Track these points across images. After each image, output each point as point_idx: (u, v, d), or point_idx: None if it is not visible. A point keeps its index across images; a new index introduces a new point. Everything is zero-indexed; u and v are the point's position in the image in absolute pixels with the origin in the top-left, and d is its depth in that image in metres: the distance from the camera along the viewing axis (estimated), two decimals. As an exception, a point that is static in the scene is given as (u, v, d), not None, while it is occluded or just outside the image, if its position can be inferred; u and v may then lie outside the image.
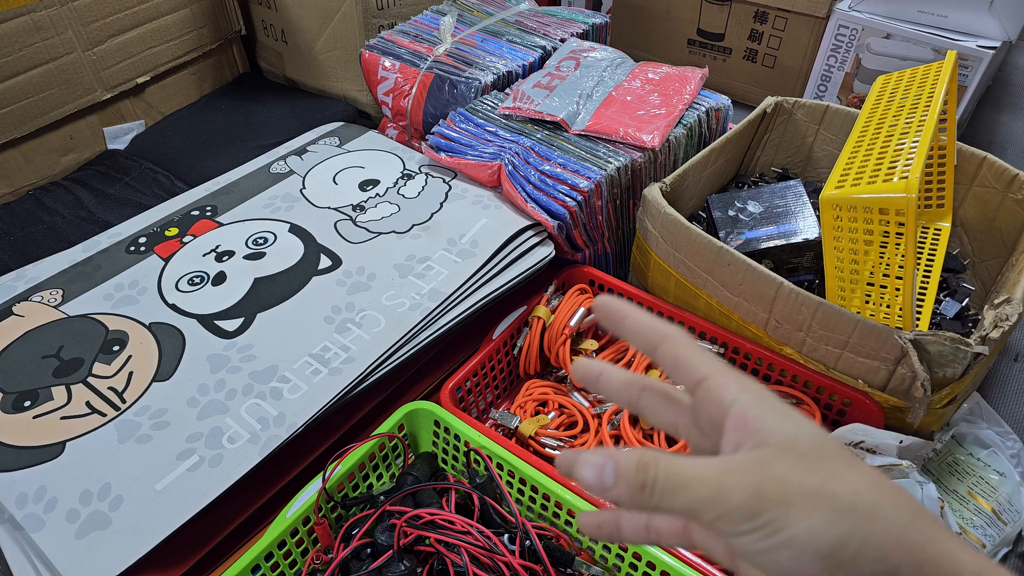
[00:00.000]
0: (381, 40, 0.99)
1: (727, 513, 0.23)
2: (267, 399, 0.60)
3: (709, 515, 0.23)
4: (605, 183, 0.75)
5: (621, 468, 0.25)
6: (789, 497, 0.23)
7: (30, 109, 0.97)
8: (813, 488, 0.23)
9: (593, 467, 0.25)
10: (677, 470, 0.24)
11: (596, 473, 0.25)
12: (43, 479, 0.55)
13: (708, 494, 0.23)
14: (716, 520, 0.23)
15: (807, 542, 0.22)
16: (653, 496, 0.24)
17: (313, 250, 0.76)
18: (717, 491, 0.23)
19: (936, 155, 0.79)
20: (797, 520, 0.22)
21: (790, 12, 1.16)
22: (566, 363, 0.73)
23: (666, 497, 0.24)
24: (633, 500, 0.24)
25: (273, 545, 0.53)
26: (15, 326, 0.68)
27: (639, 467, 0.24)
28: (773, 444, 0.24)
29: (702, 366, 0.27)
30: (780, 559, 0.23)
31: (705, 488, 0.24)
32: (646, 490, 0.24)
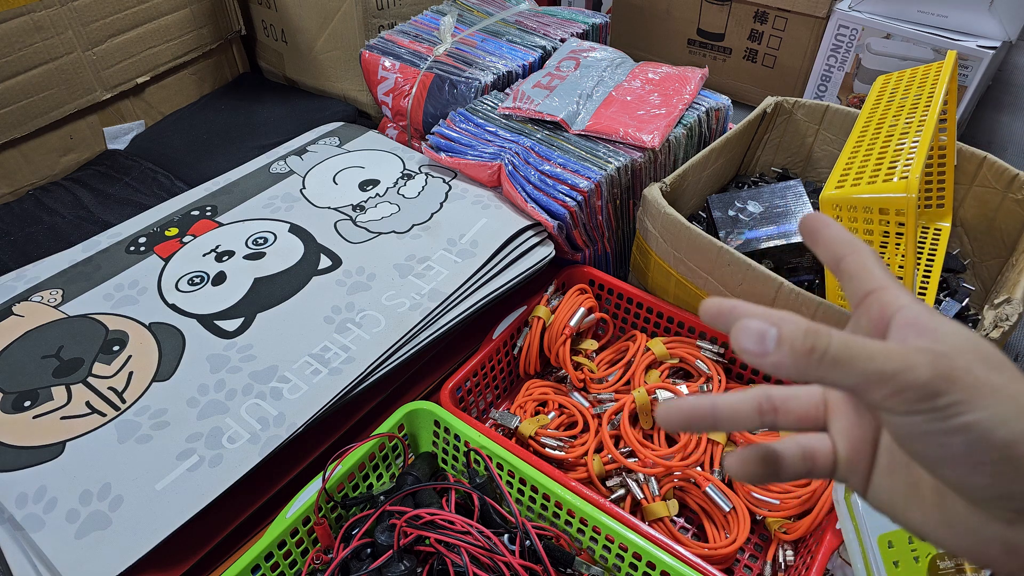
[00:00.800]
0: (381, 40, 0.99)
1: (909, 388, 0.22)
2: (267, 399, 0.60)
3: (887, 389, 0.22)
4: (605, 183, 0.75)
5: (785, 334, 0.23)
6: (975, 384, 0.22)
7: (30, 109, 0.97)
8: (999, 384, 0.22)
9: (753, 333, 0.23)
10: (853, 340, 0.23)
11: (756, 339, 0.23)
12: (43, 479, 0.55)
13: (892, 367, 0.22)
14: (894, 394, 0.22)
15: (987, 429, 0.22)
16: (823, 363, 0.23)
17: (313, 250, 0.76)
18: (902, 365, 0.22)
19: (936, 155, 0.79)
20: (982, 408, 0.22)
21: (790, 12, 1.16)
22: (566, 363, 0.73)
23: (839, 365, 0.23)
24: (798, 367, 0.23)
25: (273, 545, 0.53)
26: (15, 326, 0.68)
27: (808, 332, 0.23)
28: (950, 344, 0.24)
29: (882, 279, 0.26)
30: (952, 443, 0.22)
31: (889, 361, 0.22)
32: (815, 355, 0.23)
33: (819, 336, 0.23)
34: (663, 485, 0.64)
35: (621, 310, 0.79)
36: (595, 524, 0.55)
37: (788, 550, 0.62)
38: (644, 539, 0.53)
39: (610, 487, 0.65)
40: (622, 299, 0.78)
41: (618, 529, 0.54)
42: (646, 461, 0.64)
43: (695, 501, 0.66)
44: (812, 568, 0.54)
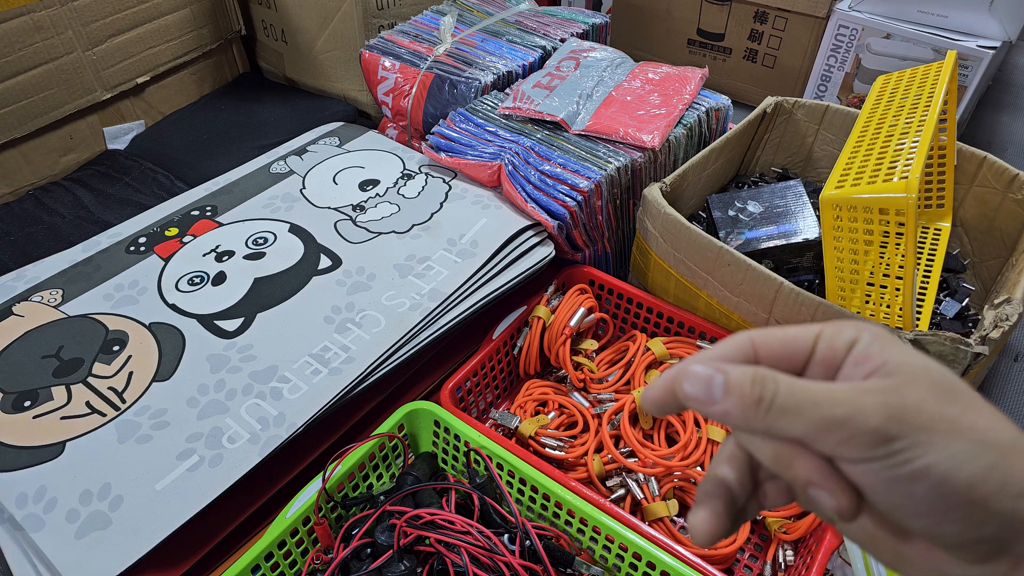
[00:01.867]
0: (381, 40, 0.99)
1: (859, 435, 0.21)
2: (267, 399, 0.60)
3: (837, 437, 0.21)
4: (605, 183, 0.75)
5: (733, 381, 0.22)
6: (929, 424, 0.21)
7: (30, 109, 0.97)
8: (952, 418, 0.21)
9: (698, 380, 0.23)
10: (801, 387, 0.22)
11: (702, 386, 0.23)
12: (43, 479, 0.55)
13: (841, 413, 0.21)
14: (845, 442, 0.21)
15: (946, 472, 0.20)
16: (770, 414, 0.22)
17: (313, 250, 0.76)
18: (851, 411, 0.21)
19: (936, 155, 0.79)
20: (937, 449, 0.21)
21: (790, 12, 1.16)
22: (566, 363, 0.73)
23: (786, 415, 0.22)
24: (745, 416, 0.22)
25: (273, 545, 0.53)
26: (15, 326, 0.68)
27: (755, 380, 0.22)
28: (903, 373, 0.22)
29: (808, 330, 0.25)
30: (916, 490, 0.21)
31: (837, 407, 0.21)
32: (762, 405, 0.22)
33: (766, 384, 0.22)
34: (663, 485, 0.64)
35: (621, 310, 0.79)
36: (595, 524, 0.55)
37: (788, 550, 0.62)
38: (644, 539, 0.53)
39: (610, 487, 0.65)
40: (622, 299, 0.78)
41: (618, 529, 0.53)
42: (646, 461, 0.64)
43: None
44: (812, 568, 0.54)
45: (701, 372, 0.23)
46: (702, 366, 0.23)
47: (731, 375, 0.23)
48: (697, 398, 0.23)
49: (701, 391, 0.23)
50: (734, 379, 0.22)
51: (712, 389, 0.23)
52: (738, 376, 0.23)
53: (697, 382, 0.23)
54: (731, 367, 0.23)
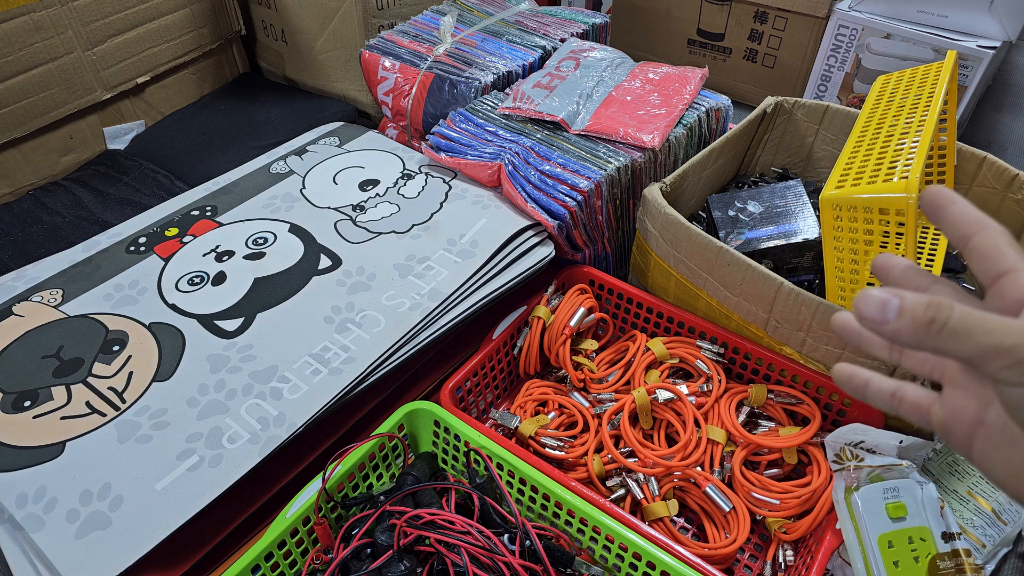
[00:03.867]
0: (381, 40, 0.99)
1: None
2: (267, 399, 0.60)
3: (1003, 361, 0.23)
4: (605, 183, 0.75)
5: (907, 303, 0.24)
6: None
7: (30, 109, 0.97)
8: None
9: (875, 302, 0.25)
10: (973, 314, 0.24)
11: (877, 307, 0.25)
12: (43, 479, 0.55)
13: (1010, 341, 0.23)
14: (1010, 367, 0.23)
15: None
16: (942, 334, 0.24)
17: (313, 250, 0.76)
18: (1020, 340, 0.23)
19: (936, 155, 0.79)
20: None
21: (790, 12, 1.16)
22: (566, 363, 0.73)
23: (957, 336, 0.24)
24: (916, 336, 0.24)
25: (273, 545, 0.53)
26: (15, 326, 0.68)
27: (929, 305, 0.24)
28: None
29: (1016, 260, 0.27)
30: None
31: (1007, 335, 0.23)
32: (934, 326, 0.24)
33: (940, 308, 0.24)
34: (663, 485, 0.64)
35: (621, 310, 0.79)
36: (595, 524, 0.55)
37: (788, 550, 0.62)
38: (644, 539, 0.53)
39: (610, 487, 0.65)
40: (622, 299, 0.78)
41: (618, 529, 0.54)
42: (646, 461, 0.64)
43: (695, 501, 0.66)
44: (812, 568, 0.54)
45: (877, 295, 0.25)
46: (879, 291, 0.25)
47: (906, 299, 0.24)
48: (871, 318, 0.25)
49: (876, 311, 0.25)
50: (908, 303, 0.24)
51: (887, 310, 0.25)
52: (913, 300, 0.24)
53: (872, 303, 0.25)
54: (907, 293, 0.25)
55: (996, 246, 0.27)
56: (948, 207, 0.29)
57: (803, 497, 0.61)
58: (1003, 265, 0.27)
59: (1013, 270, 0.27)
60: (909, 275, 0.31)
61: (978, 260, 0.28)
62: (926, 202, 0.30)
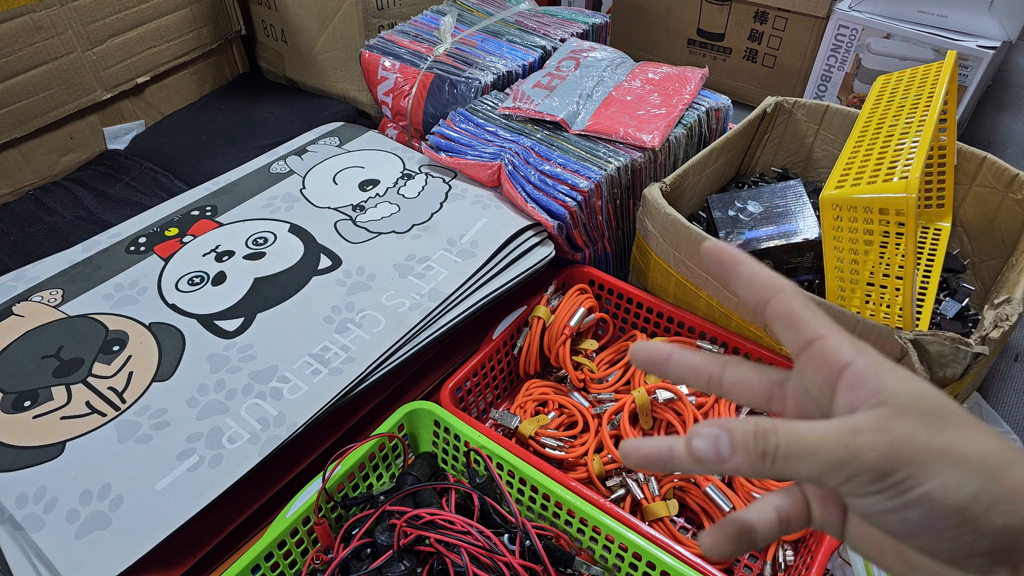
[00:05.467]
0: (381, 40, 0.99)
1: (857, 475, 0.23)
2: (267, 399, 0.60)
3: (837, 478, 0.23)
4: (605, 183, 0.75)
5: (737, 438, 0.24)
6: (920, 456, 0.23)
7: (30, 109, 0.97)
8: (943, 447, 0.23)
9: (707, 439, 0.25)
10: (799, 435, 0.24)
11: (711, 445, 0.24)
12: (43, 479, 0.55)
13: (837, 457, 0.23)
14: (845, 482, 0.23)
15: (939, 499, 0.22)
16: (775, 464, 0.24)
17: (313, 250, 0.76)
18: (847, 454, 0.23)
19: (936, 155, 0.79)
20: (929, 478, 0.22)
21: (790, 12, 1.16)
22: (566, 363, 0.73)
23: (789, 463, 0.24)
24: (753, 469, 0.24)
25: (273, 545, 0.53)
26: (15, 326, 0.68)
27: (757, 435, 0.24)
28: (894, 403, 0.24)
29: (817, 326, 0.26)
30: (909, 517, 0.23)
31: (833, 452, 0.23)
32: (767, 458, 0.24)
33: (767, 437, 0.24)
34: (663, 485, 0.64)
35: (621, 310, 0.79)
36: (595, 524, 0.55)
37: (788, 550, 0.62)
38: (644, 539, 0.53)
39: (610, 487, 0.65)
40: (622, 299, 0.78)
41: (618, 529, 0.53)
42: (646, 461, 0.64)
43: (695, 501, 0.66)
44: (812, 568, 0.54)
45: (707, 432, 0.25)
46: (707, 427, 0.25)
47: (735, 432, 0.24)
48: (710, 459, 0.25)
49: (711, 451, 0.25)
50: (738, 437, 0.24)
51: (720, 447, 0.24)
52: (741, 432, 0.24)
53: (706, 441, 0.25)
54: (733, 424, 0.25)
55: (795, 313, 0.26)
56: (737, 267, 0.28)
57: (803, 497, 0.61)
58: (808, 334, 0.26)
59: (817, 339, 0.26)
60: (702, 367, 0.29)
61: (780, 328, 0.27)
62: (710, 260, 0.28)
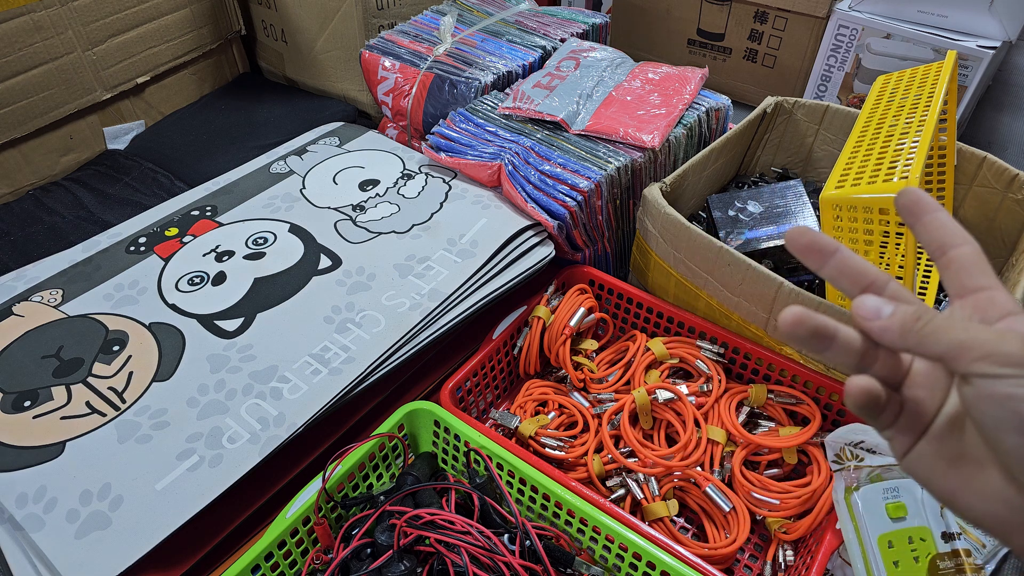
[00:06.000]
0: (381, 40, 0.99)
1: (996, 355, 0.25)
2: (267, 399, 0.60)
3: (976, 353, 0.26)
4: (605, 183, 0.75)
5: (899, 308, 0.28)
6: None
7: (30, 109, 0.97)
8: None
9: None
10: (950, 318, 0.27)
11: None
12: (43, 479, 0.55)
13: (984, 337, 0.26)
14: (981, 359, 0.25)
15: None
16: (923, 331, 0.27)
17: (313, 250, 0.76)
18: (994, 336, 0.26)
19: (936, 155, 0.79)
20: None
21: (790, 12, 1.16)
22: (566, 363, 0.73)
23: (938, 332, 0.27)
24: (902, 331, 0.27)
25: (273, 545, 0.53)
26: (15, 326, 0.68)
27: (917, 308, 0.28)
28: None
29: (994, 280, 0.29)
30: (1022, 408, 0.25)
31: (982, 332, 0.26)
32: (918, 323, 0.27)
33: (925, 311, 0.27)
34: (663, 485, 0.64)
35: (621, 310, 0.79)
36: (595, 524, 0.55)
37: (788, 550, 0.62)
38: (644, 539, 0.53)
39: (610, 487, 0.65)
40: (622, 299, 0.78)
41: (618, 529, 0.54)
42: (646, 461, 0.64)
43: (695, 501, 0.66)
44: (812, 568, 0.54)
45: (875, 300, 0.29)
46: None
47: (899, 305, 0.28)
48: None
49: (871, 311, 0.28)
50: (900, 308, 0.28)
51: (881, 310, 0.28)
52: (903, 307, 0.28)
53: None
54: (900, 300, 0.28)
55: (977, 263, 0.29)
56: (931, 214, 0.31)
57: (803, 497, 0.61)
58: (981, 281, 0.29)
59: (991, 288, 0.29)
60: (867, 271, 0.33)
61: (955, 272, 0.30)
62: (905, 203, 0.31)
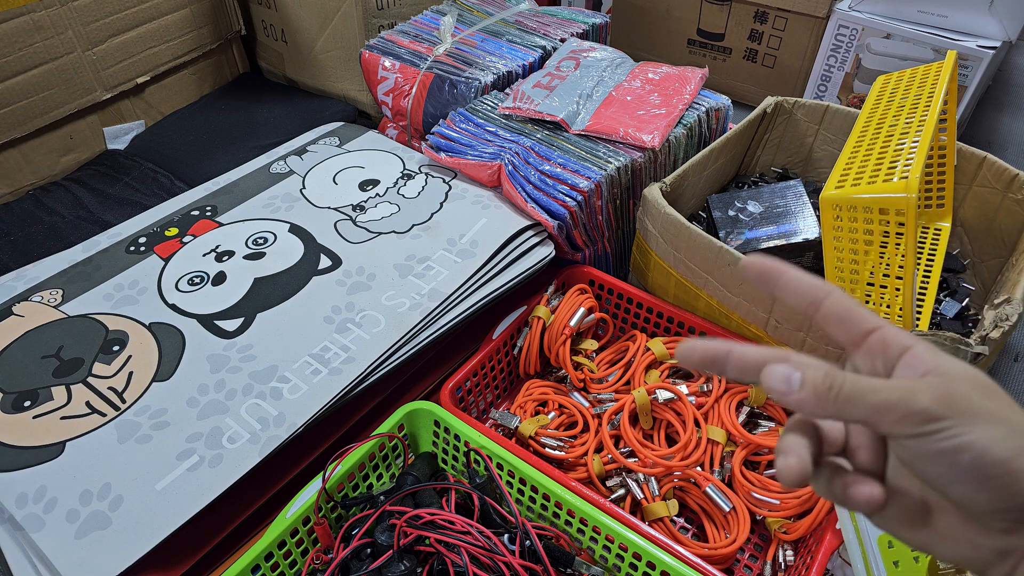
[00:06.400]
0: (381, 40, 0.99)
1: (913, 414, 0.25)
2: (267, 399, 0.60)
3: (893, 416, 0.25)
4: (605, 183, 0.75)
5: (808, 375, 0.27)
6: (971, 410, 0.25)
7: (30, 109, 0.97)
8: (992, 410, 0.25)
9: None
10: (860, 378, 0.27)
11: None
12: (43, 479, 0.55)
13: (896, 397, 0.25)
14: (900, 421, 0.25)
15: (985, 448, 0.25)
16: (838, 399, 0.26)
17: (313, 250, 0.76)
18: (905, 394, 0.25)
19: (936, 155, 0.79)
20: (979, 429, 0.25)
21: (790, 12, 1.16)
22: (566, 363, 0.73)
23: (852, 399, 0.26)
24: (818, 402, 0.26)
25: (273, 545, 0.53)
26: (15, 326, 0.68)
27: (826, 375, 0.26)
28: (951, 375, 0.26)
29: (874, 319, 0.29)
30: (957, 461, 0.25)
31: (893, 392, 0.26)
32: (832, 392, 0.26)
33: (835, 378, 0.26)
34: (663, 485, 0.64)
35: (621, 310, 0.79)
36: (595, 524, 0.55)
37: (788, 550, 0.62)
38: (644, 539, 0.53)
39: (610, 487, 0.65)
40: (622, 299, 0.78)
41: (618, 529, 0.54)
42: (646, 461, 0.64)
43: (695, 501, 0.66)
44: (812, 568, 0.54)
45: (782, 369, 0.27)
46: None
47: (807, 371, 0.27)
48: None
49: (782, 385, 0.27)
50: (809, 375, 0.27)
51: (791, 383, 0.27)
52: (812, 371, 0.27)
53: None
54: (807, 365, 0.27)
55: (851, 308, 0.29)
56: (784, 275, 0.30)
57: (803, 497, 0.61)
58: (866, 324, 0.29)
59: (877, 328, 0.29)
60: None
61: (837, 323, 0.29)
62: (754, 273, 0.31)
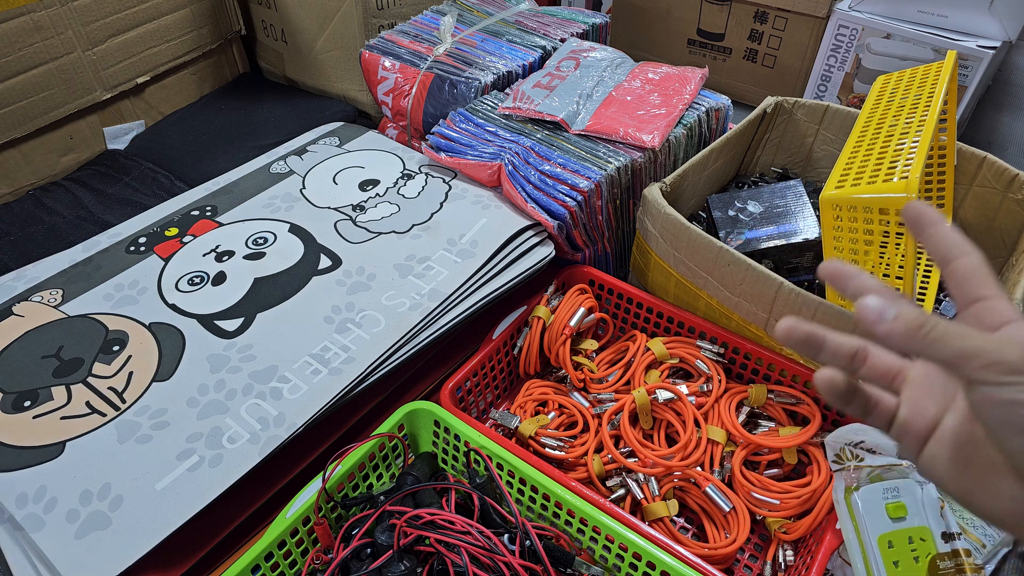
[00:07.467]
0: (381, 40, 0.99)
1: (1000, 363, 0.26)
2: (267, 399, 0.60)
3: (981, 362, 0.26)
4: (605, 183, 0.75)
5: (904, 311, 0.28)
6: None
7: (30, 109, 0.97)
8: None
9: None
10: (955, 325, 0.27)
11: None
12: (43, 479, 0.55)
13: (988, 346, 0.26)
14: (986, 367, 0.26)
15: None
16: (927, 337, 0.27)
17: (313, 250, 0.76)
18: (997, 345, 0.26)
19: (936, 155, 0.79)
20: None
21: (790, 12, 1.16)
22: (566, 363, 0.73)
23: (941, 340, 0.27)
24: (907, 336, 0.27)
25: (273, 545, 0.53)
26: (15, 326, 0.68)
27: (920, 314, 0.28)
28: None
29: (996, 289, 0.30)
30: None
31: (987, 342, 0.26)
32: (923, 331, 0.27)
33: (928, 317, 0.28)
34: (663, 485, 0.64)
35: (621, 310, 0.79)
36: (595, 524, 0.55)
37: (788, 550, 0.62)
38: (644, 539, 0.53)
39: (610, 487, 0.65)
40: (622, 299, 0.78)
41: (618, 529, 0.54)
42: (646, 461, 0.64)
43: (695, 501, 0.66)
44: (812, 568, 0.54)
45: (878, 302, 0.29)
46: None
47: (903, 309, 0.28)
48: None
49: (875, 314, 0.28)
50: (904, 311, 0.28)
51: (885, 314, 0.28)
52: (907, 310, 0.28)
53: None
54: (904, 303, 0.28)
55: (978, 274, 0.30)
56: (934, 226, 0.32)
57: (803, 497, 0.61)
58: (983, 291, 0.30)
59: (991, 297, 0.30)
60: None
61: (959, 282, 0.31)
62: (910, 216, 0.32)
